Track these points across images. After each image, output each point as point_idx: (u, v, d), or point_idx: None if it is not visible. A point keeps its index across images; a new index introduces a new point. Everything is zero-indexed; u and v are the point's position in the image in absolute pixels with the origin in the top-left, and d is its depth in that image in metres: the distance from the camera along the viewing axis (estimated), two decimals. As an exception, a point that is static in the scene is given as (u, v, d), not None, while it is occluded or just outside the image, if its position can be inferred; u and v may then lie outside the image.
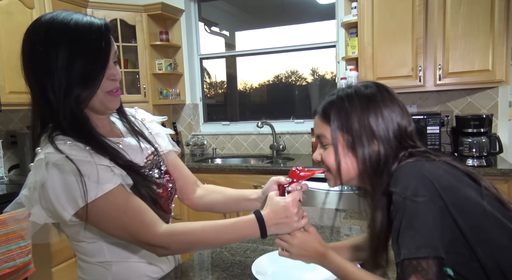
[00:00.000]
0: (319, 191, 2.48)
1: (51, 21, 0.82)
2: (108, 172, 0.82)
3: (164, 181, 1.04)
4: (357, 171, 0.83)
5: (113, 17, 2.94)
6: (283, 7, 3.47)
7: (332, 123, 0.83)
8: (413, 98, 2.77)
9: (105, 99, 0.86)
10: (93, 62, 0.81)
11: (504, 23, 2.21)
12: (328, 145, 0.85)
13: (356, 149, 0.81)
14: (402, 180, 0.74)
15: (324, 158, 0.86)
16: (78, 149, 0.82)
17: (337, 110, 0.84)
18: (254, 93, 3.76)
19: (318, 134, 0.87)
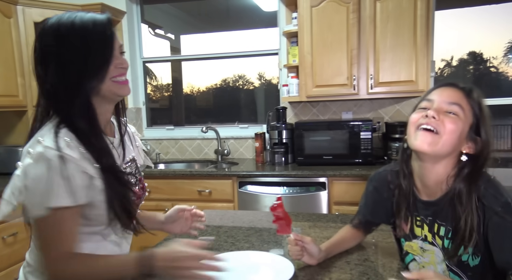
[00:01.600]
0: (262, 195, 2.55)
1: (58, 22, 0.90)
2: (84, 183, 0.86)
3: (138, 188, 1.07)
4: (455, 150, 0.95)
5: (47, 16, 2.75)
6: (228, 12, 3.53)
7: (473, 104, 0.95)
8: (349, 105, 2.95)
9: (114, 87, 0.93)
10: (100, 51, 0.89)
11: (425, 38, 2.46)
12: (457, 115, 0.93)
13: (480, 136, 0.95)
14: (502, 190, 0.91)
15: (449, 123, 0.93)
16: (74, 150, 0.86)
17: (478, 103, 0.96)
18: (201, 97, 3.76)
19: (457, 102, 0.94)
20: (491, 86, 3.71)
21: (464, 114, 0.94)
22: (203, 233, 1.40)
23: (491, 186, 0.92)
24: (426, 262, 1.05)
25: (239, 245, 1.27)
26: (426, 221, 1.03)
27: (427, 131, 0.93)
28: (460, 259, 0.96)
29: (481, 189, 0.92)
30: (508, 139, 4.00)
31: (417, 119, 0.96)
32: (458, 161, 0.96)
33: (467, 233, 0.92)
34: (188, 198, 2.66)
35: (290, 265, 1.05)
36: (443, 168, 0.96)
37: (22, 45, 2.72)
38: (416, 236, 1.06)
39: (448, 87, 0.98)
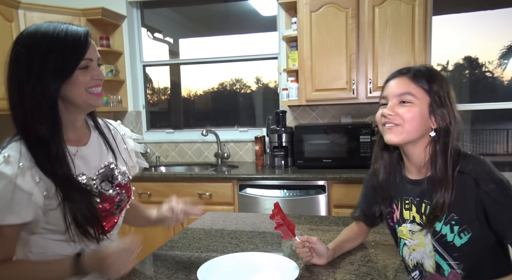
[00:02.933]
0: (262, 198, 2.56)
1: (35, 29, 0.92)
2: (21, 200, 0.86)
3: (114, 194, 1.06)
4: (422, 133, 1.00)
5: (48, 20, 2.76)
6: (227, 17, 3.55)
7: (422, 85, 0.99)
8: (348, 109, 2.98)
9: (88, 98, 0.95)
10: (68, 56, 0.90)
11: (423, 44, 2.50)
12: (411, 103, 0.99)
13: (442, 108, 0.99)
14: (491, 168, 0.95)
15: (404, 113, 0.99)
16: (11, 165, 0.86)
17: (430, 78, 1.00)
18: (199, 100, 3.78)
19: (404, 92, 1.00)
20: (487, 91, 3.77)
21: (416, 98, 0.99)
22: (207, 235, 1.42)
23: (482, 163, 0.96)
24: (415, 244, 1.07)
25: (244, 247, 1.28)
26: (414, 202, 1.06)
27: (392, 127, 1.01)
28: (446, 239, 0.99)
29: (470, 166, 0.96)
30: (504, 143, 4.05)
31: (380, 118, 1.05)
32: (430, 138, 1.02)
33: (439, 204, 0.97)
34: (188, 201, 2.66)
35: (295, 266, 1.06)
36: (422, 147, 1.02)
37: (23, 49, 2.73)
38: (405, 220, 1.09)
39: (394, 79, 1.04)
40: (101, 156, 1.07)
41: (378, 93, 2.58)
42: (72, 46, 0.91)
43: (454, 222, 0.98)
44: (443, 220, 0.99)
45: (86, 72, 0.94)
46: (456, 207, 0.97)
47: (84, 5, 2.97)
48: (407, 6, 2.50)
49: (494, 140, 4.00)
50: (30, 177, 0.88)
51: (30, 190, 0.87)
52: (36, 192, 0.88)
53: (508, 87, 3.60)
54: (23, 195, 0.87)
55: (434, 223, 1.00)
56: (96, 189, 1.01)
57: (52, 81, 0.90)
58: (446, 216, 0.98)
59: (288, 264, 1.08)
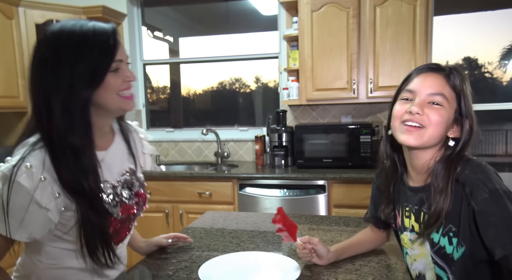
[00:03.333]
0: (262, 197, 2.56)
1: (60, 29, 0.86)
2: (35, 216, 0.83)
3: (132, 203, 1.03)
4: (441, 140, 0.93)
5: (49, 18, 2.79)
6: (228, 16, 3.55)
7: (455, 88, 0.91)
8: (348, 109, 2.98)
9: (120, 102, 0.90)
10: (97, 60, 0.85)
11: (424, 44, 2.50)
12: (442, 105, 0.90)
13: (467, 117, 0.91)
14: (488, 175, 0.84)
15: (434, 115, 0.89)
16: (32, 177, 0.81)
17: (461, 82, 0.91)
18: (199, 99, 3.77)
19: (439, 93, 0.90)
20: (486, 92, 3.77)
21: (448, 102, 0.91)
22: (208, 234, 1.42)
23: (480, 170, 0.86)
24: (416, 254, 1.00)
25: (244, 246, 1.28)
26: (413, 210, 0.99)
27: (413, 127, 0.91)
28: (445, 251, 0.91)
29: (466, 172, 0.87)
30: (503, 144, 4.06)
31: (401, 113, 0.93)
32: (445, 146, 0.93)
33: (435, 212, 0.88)
34: (188, 200, 2.67)
35: (296, 265, 1.06)
36: (431, 154, 0.94)
37: (23, 47, 2.72)
38: (406, 228, 1.03)
39: (428, 74, 0.93)
40: (122, 161, 1.04)
41: (379, 93, 2.61)
42: (101, 48, 0.85)
43: (452, 234, 0.89)
44: (441, 231, 0.91)
45: (117, 75, 0.88)
46: (453, 217, 0.88)
47: (85, 3, 2.96)
48: (409, 7, 2.50)
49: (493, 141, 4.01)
50: (50, 192, 0.83)
51: (48, 205, 0.83)
52: (53, 208, 0.84)
53: (508, 88, 3.60)
54: (38, 211, 0.82)
55: (430, 233, 0.92)
56: (117, 197, 0.98)
57: (83, 88, 0.84)
58: (444, 227, 0.90)
59: (289, 263, 1.08)
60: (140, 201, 1.07)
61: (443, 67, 0.94)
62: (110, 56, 0.86)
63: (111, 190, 0.97)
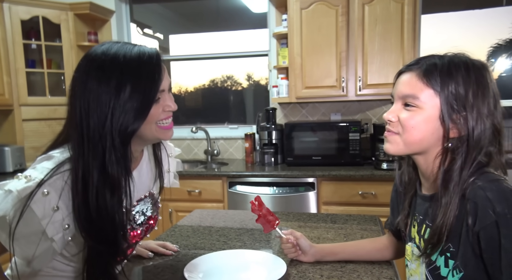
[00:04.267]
0: (251, 195, 2.56)
1: (103, 57, 0.80)
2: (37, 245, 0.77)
3: (142, 229, 1.00)
4: (430, 145, 0.80)
5: (35, 14, 2.75)
6: (218, 13, 3.53)
7: (433, 85, 0.78)
8: (338, 106, 2.99)
9: (158, 132, 0.86)
10: (142, 93, 0.79)
11: (412, 42, 2.52)
12: (415, 107, 0.80)
13: (460, 113, 0.77)
14: (500, 194, 0.71)
15: (405, 120, 0.80)
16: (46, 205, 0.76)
17: (447, 74, 0.78)
18: (189, 97, 3.75)
19: (407, 94, 0.80)
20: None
21: (422, 102, 0.79)
22: (195, 233, 1.41)
23: (492, 188, 0.72)
24: (413, 269, 0.92)
25: (231, 244, 1.28)
26: (417, 220, 0.91)
27: (390, 134, 0.85)
28: (439, 273, 0.82)
29: (474, 187, 0.74)
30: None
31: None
32: (445, 148, 0.80)
33: (438, 230, 0.78)
34: (177, 198, 2.65)
35: (282, 263, 1.07)
36: (431, 158, 0.82)
37: (8, 43, 2.68)
38: (411, 238, 0.94)
39: (403, 74, 0.84)
40: (144, 185, 0.99)
41: (368, 91, 2.63)
42: (147, 80, 0.80)
43: (449, 254, 0.79)
44: (440, 250, 0.81)
45: (158, 104, 0.83)
46: (453, 237, 0.77)
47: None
48: (397, 5, 2.51)
49: (481, 138, 4.04)
50: (60, 223, 0.78)
51: (54, 237, 0.78)
52: (58, 239, 0.79)
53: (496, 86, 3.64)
54: (43, 241, 0.77)
55: (432, 252, 0.82)
56: (128, 224, 0.94)
57: (129, 123, 0.78)
58: (443, 245, 0.80)
59: (275, 261, 1.09)
60: (151, 227, 1.04)
61: (419, 62, 0.83)
62: (157, 87, 0.81)
63: (126, 215, 0.93)
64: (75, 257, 0.87)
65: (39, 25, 2.78)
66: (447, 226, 0.76)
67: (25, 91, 2.76)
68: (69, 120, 0.83)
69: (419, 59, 0.84)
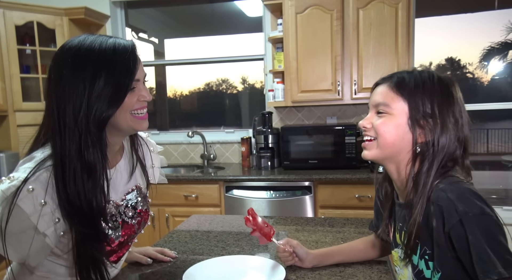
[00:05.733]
0: (248, 199, 2.56)
1: (79, 46, 0.83)
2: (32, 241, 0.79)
3: (134, 222, 1.01)
4: (401, 148, 0.86)
5: (29, 20, 2.74)
6: (213, 17, 3.54)
7: (402, 94, 0.86)
8: (333, 110, 3.01)
9: (133, 122, 0.88)
10: (117, 81, 0.82)
11: (406, 46, 2.54)
12: (386, 114, 0.87)
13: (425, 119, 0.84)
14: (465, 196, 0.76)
15: (378, 125, 0.88)
16: (33, 201, 0.78)
17: (414, 85, 0.86)
18: (185, 101, 3.75)
19: (380, 102, 0.88)
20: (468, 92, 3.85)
21: (392, 108, 0.87)
22: (193, 238, 1.41)
23: (453, 189, 0.78)
24: (402, 274, 0.95)
25: (230, 250, 1.28)
26: (398, 227, 0.95)
27: (365, 142, 0.93)
28: (424, 275, 0.85)
29: (437, 190, 0.80)
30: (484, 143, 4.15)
31: None
32: (419, 155, 0.86)
33: (412, 235, 0.83)
34: (174, 203, 2.65)
35: (281, 268, 1.07)
36: (402, 166, 0.89)
37: (2, 49, 2.66)
38: (397, 244, 0.97)
39: (377, 87, 0.93)
40: (129, 178, 1.01)
41: (363, 94, 2.64)
42: (121, 68, 0.83)
43: (427, 257, 0.83)
44: (418, 253, 0.85)
45: (133, 94, 0.86)
46: (426, 239, 0.82)
47: (67, 4, 2.91)
48: (391, 9, 2.54)
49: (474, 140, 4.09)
50: (49, 217, 0.80)
51: (46, 231, 0.80)
52: (51, 234, 0.81)
53: (488, 88, 3.69)
54: (36, 236, 0.79)
55: (411, 256, 0.87)
56: (120, 217, 0.97)
57: (104, 108, 0.81)
58: (420, 249, 0.84)
59: (274, 267, 1.09)
60: (143, 220, 1.05)
61: (391, 76, 0.91)
62: (130, 77, 0.84)
63: (115, 210, 0.96)
64: (69, 257, 0.87)
65: (34, 31, 2.77)
66: (415, 227, 0.82)
67: (20, 97, 2.74)
68: (46, 109, 0.85)
69: (393, 74, 0.93)
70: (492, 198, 3.24)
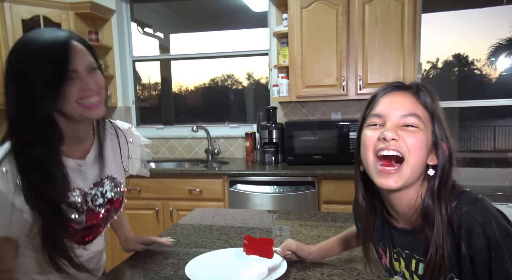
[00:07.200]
0: (252, 194, 2.57)
1: (23, 41, 0.88)
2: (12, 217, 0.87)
3: (102, 210, 1.05)
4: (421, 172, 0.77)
5: (36, 13, 2.76)
6: (218, 12, 3.54)
7: (427, 106, 0.77)
8: (338, 105, 3.00)
9: (80, 110, 0.90)
10: (48, 74, 0.84)
11: (412, 41, 2.52)
12: (417, 127, 0.75)
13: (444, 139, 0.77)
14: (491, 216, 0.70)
15: (406, 137, 0.74)
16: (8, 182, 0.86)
17: (432, 97, 0.77)
18: (190, 96, 3.76)
19: (409, 113, 0.75)
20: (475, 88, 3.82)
21: (423, 123, 0.76)
22: (196, 231, 1.42)
23: (479, 212, 0.71)
24: None
25: (232, 243, 1.29)
26: (402, 255, 0.84)
27: (390, 164, 0.76)
28: None
29: (461, 212, 0.72)
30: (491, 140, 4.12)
31: (374, 141, 0.77)
32: (427, 177, 0.78)
33: (437, 263, 0.73)
34: (178, 197, 2.66)
35: (283, 261, 1.07)
36: (414, 191, 0.78)
37: (9, 43, 2.68)
38: (396, 272, 0.88)
39: (395, 93, 0.79)
40: (100, 167, 1.04)
41: (368, 90, 2.63)
42: (52, 59, 0.85)
43: None
44: None
45: (74, 84, 0.87)
46: (452, 266, 0.74)
47: (72, -2, 2.93)
48: (397, 4, 2.52)
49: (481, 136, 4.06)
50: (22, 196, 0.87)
51: (23, 207, 0.87)
52: (26, 210, 0.88)
53: (496, 84, 3.65)
54: (15, 212, 0.87)
55: None
56: (86, 205, 1.00)
57: (42, 99, 0.84)
58: (445, 277, 0.75)
59: (276, 259, 1.09)
60: (113, 208, 1.09)
61: (409, 84, 0.80)
62: (62, 66, 0.85)
63: (81, 198, 0.99)
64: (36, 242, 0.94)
65: (40, 25, 2.78)
66: (445, 257, 0.73)
67: (26, 90, 2.77)
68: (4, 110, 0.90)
69: (403, 82, 0.82)
70: (498, 195, 3.22)
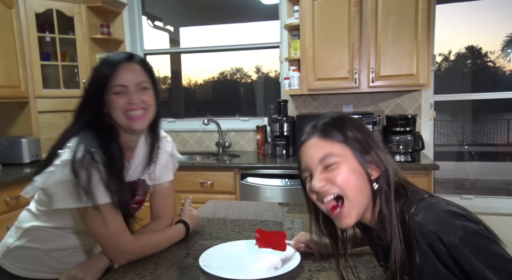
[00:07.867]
0: (263, 186, 2.58)
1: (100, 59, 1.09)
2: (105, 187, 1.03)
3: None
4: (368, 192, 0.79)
5: (49, 7, 2.78)
6: (229, 5, 3.52)
7: (336, 138, 0.80)
8: (350, 98, 2.98)
9: (125, 120, 1.06)
10: (98, 83, 1.06)
11: (426, 33, 2.48)
12: (336, 163, 0.78)
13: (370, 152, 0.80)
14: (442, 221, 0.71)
15: (333, 177, 0.78)
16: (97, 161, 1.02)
17: (337, 126, 0.81)
18: (199, 90, 3.78)
19: (323, 156, 0.79)
20: (489, 81, 3.75)
21: (339, 155, 0.79)
22: (210, 223, 1.43)
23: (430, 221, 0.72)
24: None
25: (246, 234, 1.30)
26: (385, 267, 0.86)
27: (336, 206, 0.79)
28: None
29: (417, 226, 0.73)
30: (505, 133, 4.05)
31: (315, 197, 0.82)
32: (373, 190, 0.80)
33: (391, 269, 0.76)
34: (190, 190, 2.68)
35: (297, 253, 1.08)
36: (370, 210, 0.81)
37: (23, 36, 2.71)
38: None
39: (306, 144, 0.83)
40: (137, 170, 1.18)
41: (380, 82, 2.61)
42: (100, 75, 1.05)
43: None
44: None
45: (121, 97, 1.04)
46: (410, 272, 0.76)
47: (84, -8, 2.94)
48: (411, -5, 2.47)
49: (495, 130, 4.00)
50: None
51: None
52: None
53: (510, 77, 3.58)
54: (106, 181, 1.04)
55: None
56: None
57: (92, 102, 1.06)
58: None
59: (290, 250, 1.10)
60: (138, 207, 1.24)
61: (313, 126, 0.84)
62: (105, 81, 1.04)
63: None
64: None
65: (53, 18, 2.81)
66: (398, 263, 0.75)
67: (40, 84, 2.80)
68: None
69: (309, 128, 0.85)
70: (512, 189, 3.18)
